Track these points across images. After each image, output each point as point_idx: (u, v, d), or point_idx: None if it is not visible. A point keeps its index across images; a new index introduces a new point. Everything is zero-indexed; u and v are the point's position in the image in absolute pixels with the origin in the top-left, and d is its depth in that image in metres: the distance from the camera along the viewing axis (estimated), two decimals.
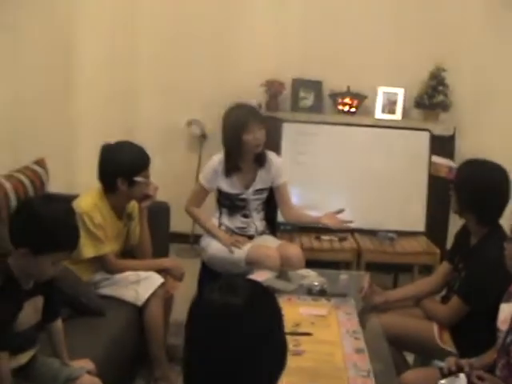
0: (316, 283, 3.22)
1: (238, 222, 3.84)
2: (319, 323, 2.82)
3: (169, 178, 5.04)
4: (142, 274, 3.27)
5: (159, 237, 3.57)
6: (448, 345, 2.86)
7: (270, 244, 3.77)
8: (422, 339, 2.92)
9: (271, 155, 3.84)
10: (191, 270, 3.91)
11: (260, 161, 3.76)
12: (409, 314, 3.09)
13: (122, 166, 3.18)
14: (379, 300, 3.11)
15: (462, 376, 2.35)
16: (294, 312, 2.90)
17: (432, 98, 5.01)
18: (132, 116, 5.37)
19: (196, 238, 4.94)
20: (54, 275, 2.29)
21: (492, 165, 2.87)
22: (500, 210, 2.84)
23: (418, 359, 3.20)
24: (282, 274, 3.42)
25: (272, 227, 4.04)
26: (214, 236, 3.75)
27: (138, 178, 3.20)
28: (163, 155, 5.12)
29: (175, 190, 4.85)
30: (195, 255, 5.00)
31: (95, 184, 3.30)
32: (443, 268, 3.16)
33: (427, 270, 4.44)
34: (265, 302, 1.44)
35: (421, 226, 4.60)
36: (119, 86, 5.30)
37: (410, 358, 3.21)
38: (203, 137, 5.33)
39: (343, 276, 3.29)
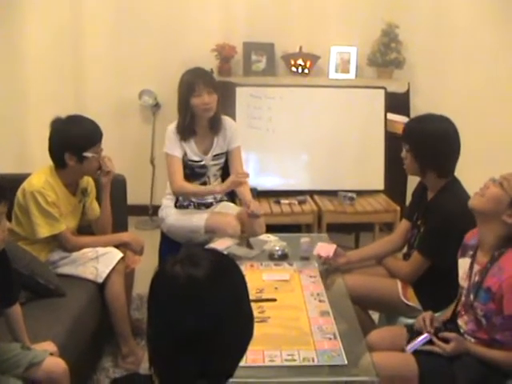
0: (277, 248, 3.21)
1: None
2: (283, 288, 2.81)
3: (124, 149, 4.98)
4: (101, 250, 3.21)
5: (117, 210, 3.50)
6: (412, 301, 2.88)
7: (229, 211, 3.73)
8: (387, 297, 2.93)
9: (226, 120, 3.79)
10: (151, 241, 3.88)
11: (215, 126, 3.70)
12: (372, 272, 3.10)
13: (69, 141, 3.08)
14: (342, 261, 3.10)
15: (426, 335, 2.37)
16: (257, 278, 2.89)
17: (385, 55, 4.99)
18: (83, 89, 5.27)
19: (155, 210, 4.89)
20: (2, 239, 2.19)
21: (439, 117, 2.88)
22: (456, 160, 2.85)
23: (383, 317, 3.22)
24: (242, 241, 3.40)
25: (231, 194, 3.99)
26: (211, 192, 3.71)
27: (88, 154, 3.11)
28: (117, 127, 5.05)
29: (131, 162, 4.81)
30: (155, 227, 4.98)
31: (47, 161, 3.20)
32: (402, 226, 3.17)
33: (388, 227, 4.48)
34: (228, 272, 1.41)
35: (380, 185, 4.62)
36: (68, 60, 5.20)
37: (374, 316, 3.22)
38: (156, 106, 5.25)
39: (304, 239, 3.25)
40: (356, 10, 5.06)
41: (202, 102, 3.54)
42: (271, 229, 3.63)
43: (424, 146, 2.84)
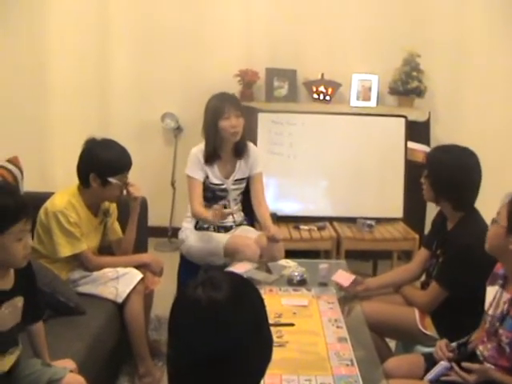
0: (296, 273, 3.22)
1: None
2: (301, 313, 2.82)
3: (145, 172, 5.01)
4: (121, 270, 3.24)
5: (138, 232, 3.52)
6: (429, 330, 2.87)
7: (248, 234, 3.75)
8: (404, 325, 2.93)
9: (249, 145, 3.84)
10: (170, 263, 3.91)
11: (239, 151, 3.76)
12: (389, 300, 3.10)
13: (97, 163, 3.14)
14: (360, 288, 3.11)
15: (444, 363, 2.37)
16: (276, 303, 2.91)
17: (406, 84, 5.01)
18: (106, 112, 5.33)
19: (174, 232, 4.92)
20: (25, 255, 2.21)
21: (462, 149, 2.89)
22: (474, 194, 2.86)
23: (400, 345, 3.21)
24: (261, 265, 3.42)
25: (251, 218, 4.02)
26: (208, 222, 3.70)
27: (113, 180, 3.16)
28: (139, 150, 5.02)
29: (152, 184, 4.85)
30: (174, 249, 5.00)
31: (70, 181, 3.25)
32: (421, 254, 3.18)
33: (406, 255, 4.47)
34: (248, 295, 1.43)
35: (399, 213, 4.62)
36: (92, 82, 5.26)
37: (391, 344, 3.22)
38: (178, 129, 5.31)
39: (323, 265, 3.27)
40: (377, 38, 5.10)
41: (231, 124, 3.60)
42: (290, 254, 3.66)
43: (440, 175, 2.86)
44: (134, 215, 3.40)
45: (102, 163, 3.14)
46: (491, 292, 2.45)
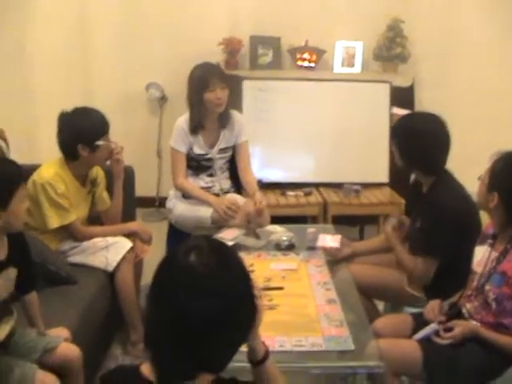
0: (284, 238, 3.26)
1: (202, 182, 3.82)
2: (290, 277, 2.86)
3: (131, 142, 4.95)
4: (111, 239, 3.27)
5: (126, 201, 3.54)
6: (416, 290, 2.92)
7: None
8: (392, 287, 2.99)
9: (234, 114, 3.83)
10: (158, 233, 3.92)
11: (224, 120, 3.75)
12: (378, 261, 3.15)
13: (81, 132, 3.13)
14: (347, 252, 3.15)
15: (434, 326, 2.43)
16: (265, 268, 2.94)
17: (390, 49, 5.02)
18: (90, 82, 5.31)
19: (161, 201, 4.94)
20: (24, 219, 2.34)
21: (425, 115, 2.93)
22: (443, 157, 2.89)
23: (389, 307, 3.27)
24: (249, 231, 3.45)
25: (237, 186, 4.04)
26: (205, 202, 3.66)
27: (100, 142, 3.17)
28: (124, 120, 5.08)
29: (138, 154, 4.83)
30: (162, 218, 5.03)
31: (57, 152, 3.25)
32: None
33: None
34: (237, 261, 1.46)
35: (384, 177, 4.66)
36: (75, 52, 5.23)
37: (380, 306, 3.27)
38: (163, 99, 5.29)
39: (311, 229, 3.30)
40: (362, 5, 5.09)
41: (216, 96, 3.58)
42: (277, 220, 3.68)
43: (407, 143, 2.90)
44: (118, 181, 3.42)
45: (86, 131, 3.14)
46: (480, 251, 2.50)
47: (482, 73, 5.26)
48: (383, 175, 4.66)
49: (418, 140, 2.84)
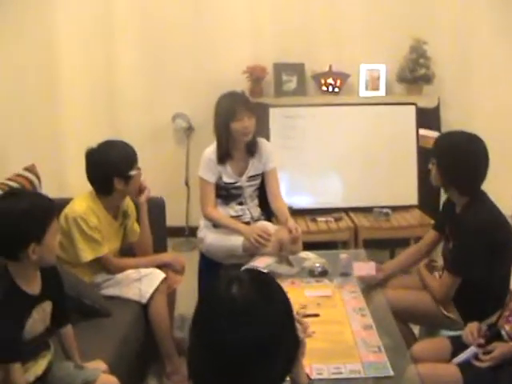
0: (317, 264, 3.25)
1: (232, 210, 3.83)
2: (325, 304, 2.85)
3: (159, 173, 5.05)
4: (143, 270, 3.28)
5: (157, 232, 3.57)
6: (452, 313, 2.89)
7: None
8: (427, 310, 2.95)
9: (261, 141, 3.84)
10: (189, 262, 3.91)
11: (251, 149, 3.76)
12: (411, 285, 3.13)
13: (115, 165, 3.17)
14: (379, 276, 3.14)
15: (473, 349, 2.39)
16: (299, 295, 2.93)
17: (414, 71, 5.01)
18: (116, 116, 5.37)
19: (191, 231, 4.96)
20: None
21: (469, 135, 2.90)
22: (480, 179, 2.87)
23: (424, 330, 3.24)
24: (282, 259, 3.44)
25: (267, 213, 4.04)
26: (235, 231, 3.65)
27: (133, 172, 3.22)
28: (152, 151, 5.13)
29: (166, 184, 4.87)
30: (192, 248, 5.04)
31: (87, 186, 3.28)
32: (430, 235, 3.25)
33: None
34: (277, 290, 1.47)
35: (414, 199, 4.64)
36: (102, 85, 5.29)
37: (415, 330, 3.24)
38: (189, 129, 5.33)
39: (343, 255, 3.29)
40: (383, 28, 5.10)
41: (243, 126, 3.59)
42: (308, 247, 3.66)
43: (448, 162, 2.88)
44: (143, 210, 3.43)
45: (118, 164, 3.18)
46: None
47: (506, 90, 5.24)
48: (412, 197, 4.64)
49: (462, 159, 2.83)
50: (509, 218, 2.87)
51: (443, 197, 4.51)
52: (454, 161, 2.84)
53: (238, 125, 3.59)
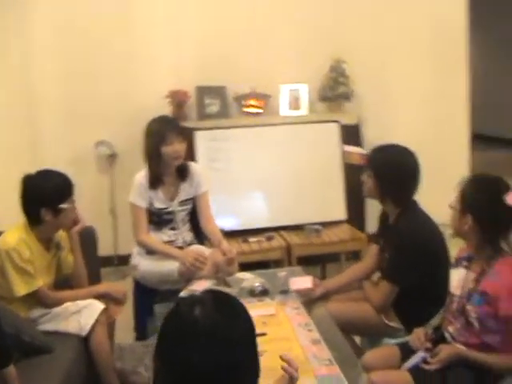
0: (257, 284, 3.26)
1: (165, 236, 3.79)
2: (270, 322, 2.86)
3: (83, 201, 4.91)
4: (81, 302, 3.19)
5: (89, 263, 3.48)
6: (393, 321, 2.97)
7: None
8: (369, 321, 3.02)
9: (192, 165, 3.83)
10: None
11: (182, 173, 3.74)
12: (351, 297, 3.18)
13: (44, 195, 3.08)
14: (321, 291, 3.18)
15: (421, 353, 2.46)
16: None
17: (334, 89, 5.15)
18: (39, 144, 5.25)
19: (120, 259, 4.88)
20: None
21: (403, 149, 3.01)
22: (414, 190, 2.99)
23: (366, 341, 3.29)
24: (219, 281, 3.43)
25: (200, 237, 4.02)
26: (170, 256, 3.61)
27: (64, 205, 3.12)
28: (74, 179, 5.00)
29: (91, 214, 4.75)
30: (122, 276, 4.95)
31: (14, 218, 3.18)
32: (372, 250, 3.30)
33: (354, 256, 4.57)
34: (236, 308, 1.47)
35: (342, 215, 4.74)
36: (22, 116, 5.20)
37: (356, 340, 3.29)
38: (112, 156, 5.26)
39: (282, 273, 3.33)
40: (304, 48, 5.25)
41: (173, 150, 3.59)
42: (242, 267, 3.68)
43: (386, 176, 2.97)
44: (75, 242, 3.34)
45: (49, 194, 3.08)
46: (456, 274, 2.56)
47: (422, 105, 5.46)
48: (341, 213, 4.74)
49: (397, 172, 2.94)
50: (440, 226, 2.97)
51: (369, 210, 4.67)
52: (390, 172, 2.94)
53: (168, 149, 3.58)
